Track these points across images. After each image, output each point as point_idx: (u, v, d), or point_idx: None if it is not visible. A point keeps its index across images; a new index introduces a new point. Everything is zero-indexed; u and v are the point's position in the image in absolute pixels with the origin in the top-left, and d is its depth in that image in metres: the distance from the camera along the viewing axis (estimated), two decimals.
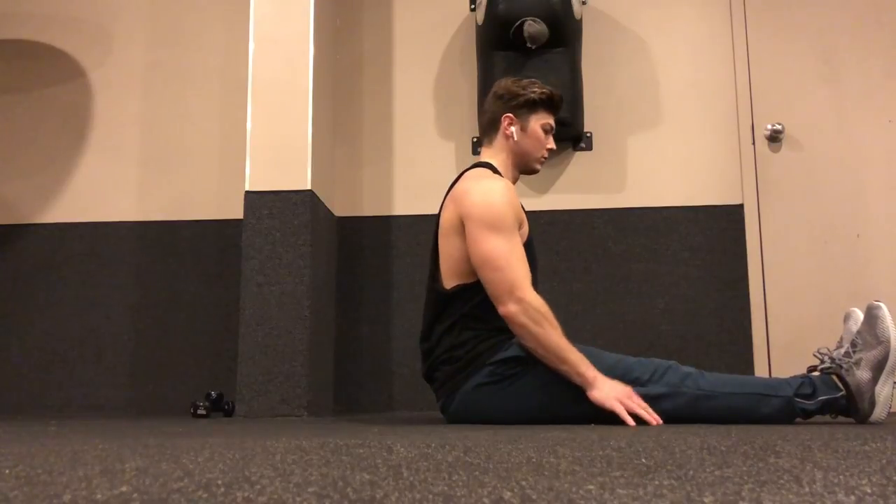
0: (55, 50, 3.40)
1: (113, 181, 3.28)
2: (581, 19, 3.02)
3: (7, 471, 0.81)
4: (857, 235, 2.99)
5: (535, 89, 2.06)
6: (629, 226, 3.06)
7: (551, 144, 2.09)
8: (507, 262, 1.84)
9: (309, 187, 2.71)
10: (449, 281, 1.94)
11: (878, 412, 1.72)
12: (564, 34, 2.91)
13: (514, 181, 2.10)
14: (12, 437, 1.48)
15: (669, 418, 1.76)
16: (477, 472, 0.77)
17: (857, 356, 1.73)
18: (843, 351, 1.77)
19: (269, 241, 2.68)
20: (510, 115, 2.05)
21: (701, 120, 3.12)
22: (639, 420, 1.77)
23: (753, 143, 3.08)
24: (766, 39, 3.15)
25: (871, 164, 3.03)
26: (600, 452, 0.97)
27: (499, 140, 2.08)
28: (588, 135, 3.14)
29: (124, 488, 0.67)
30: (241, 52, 3.10)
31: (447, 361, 1.93)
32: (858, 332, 1.77)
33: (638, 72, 3.18)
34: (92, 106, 3.35)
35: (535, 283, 1.97)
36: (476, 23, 3.07)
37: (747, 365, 2.91)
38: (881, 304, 1.75)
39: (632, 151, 3.13)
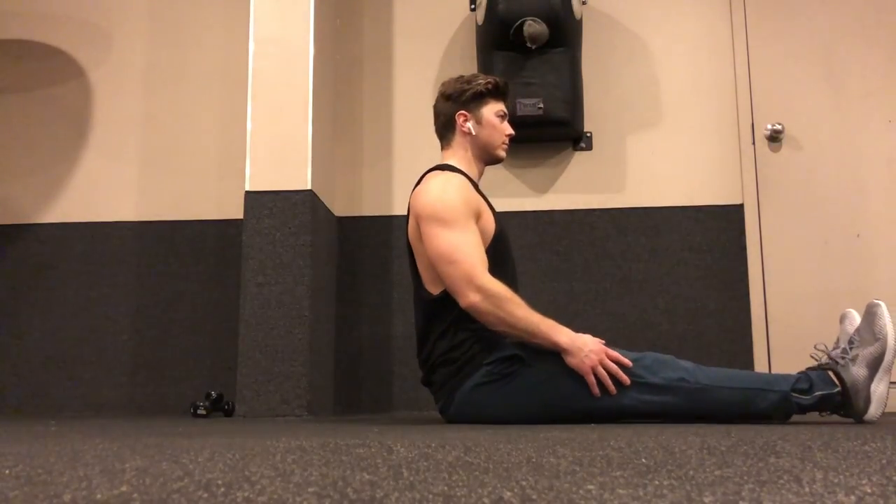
0: (55, 50, 3.40)
1: (113, 181, 3.28)
2: (581, 19, 3.02)
3: (7, 471, 0.81)
4: (857, 235, 2.99)
5: (481, 81, 2.09)
6: (629, 226, 3.06)
7: (509, 130, 2.12)
8: (461, 253, 1.85)
9: (309, 187, 2.71)
10: (433, 287, 1.94)
11: (873, 410, 1.71)
12: (564, 34, 2.91)
13: (480, 174, 2.13)
14: (12, 437, 1.48)
15: (667, 412, 1.77)
16: (477, 472, 0.77)
17: (853, 353, 1.73)
18: (839, 348, 1.77)
19: (269, 241, 2.68)
20: (463, 111, 2.08)
21: (701, 120, 3.12)
22: (638, 418, 1.77)
23: (753, 143, 3.08)
24: (766, 39, 3.15)
25: (871, 164, 3.03)
26: (600, 452, 0.97)
27: (457, 139, 2.10)
28: (588, 135, 3.14)
29: (124, 488, 0.67)
30: (241, 52, 3.09)
31: (444, 364, 1.92)
32: (857, 329, 1.77)
33: (638, 72, 3.18)
34: (92, 106, 3.35)
35: (514, 281, 1.98)
36: (476, 23, 3.07)
37: (747, 365, 2.90)
38: (881, 303, 1.75)
39: (632, 151, 3.13)
